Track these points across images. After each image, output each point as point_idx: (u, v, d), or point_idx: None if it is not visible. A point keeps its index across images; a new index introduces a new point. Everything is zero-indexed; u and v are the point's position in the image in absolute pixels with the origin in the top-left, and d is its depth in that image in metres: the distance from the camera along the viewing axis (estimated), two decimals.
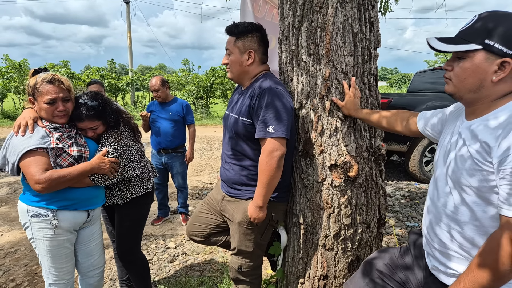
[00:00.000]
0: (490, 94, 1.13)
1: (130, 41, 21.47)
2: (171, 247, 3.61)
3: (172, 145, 3.98)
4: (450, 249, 1.24)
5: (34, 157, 1.77)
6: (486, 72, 1.11)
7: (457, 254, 1.23)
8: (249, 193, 1.93)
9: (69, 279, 2.04)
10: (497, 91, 1.12)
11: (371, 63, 1.98)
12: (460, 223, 1.20)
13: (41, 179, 1.74)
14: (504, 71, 1.08)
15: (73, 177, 1.84)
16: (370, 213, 2.01)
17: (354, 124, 1.93)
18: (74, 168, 1.86)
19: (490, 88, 1.12)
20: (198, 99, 18.06)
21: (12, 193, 5.46)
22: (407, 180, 5.95)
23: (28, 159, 1.76)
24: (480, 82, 1.13)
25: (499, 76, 1.09)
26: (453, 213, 1.22)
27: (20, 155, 1.76)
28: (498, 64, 1.09)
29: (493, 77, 1.10)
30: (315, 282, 2.04)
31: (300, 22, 1.90)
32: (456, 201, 1.20)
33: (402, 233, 3.81)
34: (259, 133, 1.77)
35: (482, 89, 1.13)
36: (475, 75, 1.13)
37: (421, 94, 6.21)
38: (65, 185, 1.84)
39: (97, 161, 1.94)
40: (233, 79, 2.01)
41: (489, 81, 1.11)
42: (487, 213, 1.12)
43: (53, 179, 1.76)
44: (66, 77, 1.99)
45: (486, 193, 1.10)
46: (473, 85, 1.15)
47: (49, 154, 1.82)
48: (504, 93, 1.12)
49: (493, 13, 1.12)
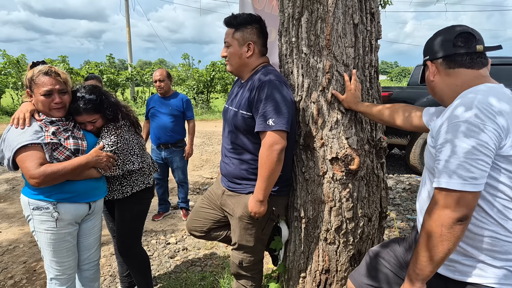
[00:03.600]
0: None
1: (129, 35, 21.36)
2: (171, 243, 3.60)
3: (171, 140, 3.96)
4: None
5: (29, 152, 1.76)
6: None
7: None
8: (249, 187, 1.91)
9: (70, 274, 2.03)
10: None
11: (372, 54, 1.95)
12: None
13: (35, 174, 1.73)
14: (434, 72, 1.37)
15: (68, 171, 1.82)
16: (371, 206, 1.99)
17: (355, 116, 1.90)
18: (69, 162, 1.84)
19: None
20: (198, 94, 18.00)
21: (10, 190, 5.45)
22: (408, 173, 5.94)
23: (23, 154, 1.76)
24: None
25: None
26: (426, 201, 1.34)
27: (15, 151, 1.76)
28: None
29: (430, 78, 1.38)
30: (317, 276, 2.03)
31: (300, 13, 1.86)
32: (428, 189, 1.35)
33: (403, 226, 3.79)
34: (259, 127, 1.75)
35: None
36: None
37: (421, 87, 6.17)
38: (62, 179, 1.83)
39: (94, 154, 1.92)
40: (232, 71, 1.98)
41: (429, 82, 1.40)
42: None
43: (47, 174, 1.75)
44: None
45: None
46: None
47: (43, 149, 1.81)
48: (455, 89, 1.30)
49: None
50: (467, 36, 1.28)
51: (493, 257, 1.17)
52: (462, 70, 1.28)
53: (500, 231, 1.15)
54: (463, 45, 1.28)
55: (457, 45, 1.28)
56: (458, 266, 1.23)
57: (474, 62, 1.27)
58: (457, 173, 1.09)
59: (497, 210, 1.15)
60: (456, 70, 1.29)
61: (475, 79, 1.26)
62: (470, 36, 1.28)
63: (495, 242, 1.16)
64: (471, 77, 1.27)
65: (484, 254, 1.18)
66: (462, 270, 1.22)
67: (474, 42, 1.27)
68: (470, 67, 1.27)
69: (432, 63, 1.36)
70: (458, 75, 1.29)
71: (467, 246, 1.20)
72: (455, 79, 1.30)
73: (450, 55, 1.30)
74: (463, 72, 1.28)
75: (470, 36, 1.28)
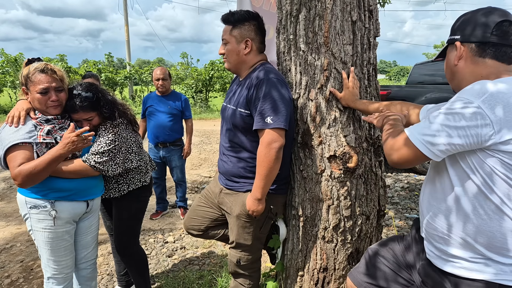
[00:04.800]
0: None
1: (127, 34, 21.31)
2: (169, 241, 3.59)
3: (170, 139, 3.94)
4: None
5: (16, 152, 1.75)
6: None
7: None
8: (247, 185, 1.90)
9: (68, 273, 2.02)
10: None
11: (371, 52, 1.95)
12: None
13: (13, 174, 1.73)
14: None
15: (43, 168, 1.73)
16: (369, 205, 1.99)
17: (353, 114, 1.90)
18: (41, 158, 1.76)
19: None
20: (197, 93, 17.98)
21: (8, 189, 5.43)
22: (406, 172, 5.94)
23: (11, 154, 1.75)
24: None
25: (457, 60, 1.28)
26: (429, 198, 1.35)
27: (5, 150, 1.75)
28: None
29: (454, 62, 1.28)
30: (315, 274, 2.02)
31: (298, 10, 1.85)
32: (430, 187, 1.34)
33: (401, 224, 3.79)
34: (257, 124, 1.74)
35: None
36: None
37: (420, 86, 6.18)
38: (41, 176, 1.75)
39: (63, 142, 1.78)
40: (230, 69, 1.97)
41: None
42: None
43: (24, 174, 1.71)
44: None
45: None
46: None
47: (34, 148, 1.79)
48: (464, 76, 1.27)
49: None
50: (508, 25, 1.18)
51: (501, 254, 1.14)
52: (493, 61, 1.20)
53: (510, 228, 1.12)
54: (502, 35, 1.18)
55: (496, 34, 1.18)
56: (464, 263, 1.21)
57: (507, 56, 1.19)
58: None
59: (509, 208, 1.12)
60: (486, 60, 1.21)
61: (502, 73, 1.19)
62: (511, 27, 1.18)
63: (506, 239, 1.13)
64: (498, 71, 1.19)
65: (493, 252, 1.15)
66: (468, 266, 1.20)
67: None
68: (502, 61, 1.19)
69: (462, 45, 1.24)
70: (486, 66, 1.21)
71: (476, 244, 1.17)
72: (482, 69, 1.21)
73: (485, 43, 1.20)
74: (492, 64, 1.20)
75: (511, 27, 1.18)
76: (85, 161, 1.91)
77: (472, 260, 1.19)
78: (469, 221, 1.18)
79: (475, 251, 1.18)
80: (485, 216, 1.15)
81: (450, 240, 1.23)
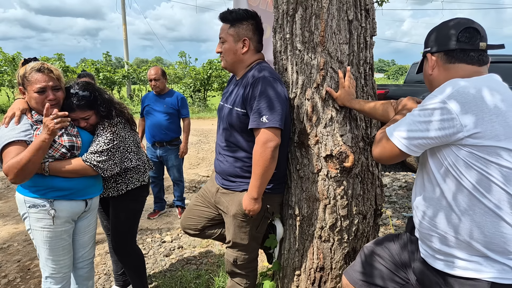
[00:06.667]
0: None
1: (125, 33, 21.27)
2: (167, 241, 3.59)
3: (166, 138, 3.94)
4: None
5: (11, 148, 1.74)
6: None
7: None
8: (243, 185, 1.90)
9: (66, 273, 2.02)
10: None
11: (367, 51, 1.94)
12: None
13: (4, 169, 1.72)
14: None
15: (30, 157, 1.69)
16: (366, 204, 1.99)
17: (350, 113, 1.89)
18: (25, 150, 1.72)
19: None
20: (195, 92, 17.97)
21: (5, 188, 5.41)
22: (404, 171, 5.94)
23: (6, 151, 1.74)
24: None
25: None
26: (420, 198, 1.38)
27: (1, 147, 1.74)
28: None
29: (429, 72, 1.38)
30: (312, 274, 2.03)
31: (295, 9, 1.85)
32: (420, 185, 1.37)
33: (399, 223, 3.80)
34: (253, 123, 1.74)
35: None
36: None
37: (417, 84, 6.17)
38: (31, 168, 1.71)
39: (43, 128, 1.73)
40: (226, 68, 1.97)
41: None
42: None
43: (12, 166, 1.68)
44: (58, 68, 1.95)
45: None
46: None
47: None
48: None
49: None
50: (472, 31, 1.26)
51: (498, 253, 1.15)
52: (462, 65, 1.27)
53: (508, 229, 1.14)
54: (467, 41, 1.26)
55: (461, 40, 1.26)
56: (459, 261, 1.22)
57: (476, 59, 1.26)
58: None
59: (508, 209, 1.13)
60: (456, 65, 1.28)
61: (473, 74, 1.24)
62: (474, 32, 1.26)
63: (503, 239, 1.14)
64: (470, 73, 1.25)
65: (491, 250, 1.16)
66: (463, 266, 1.21)
67: (478, 38, 1.25)
68: (471, 63, 1.26)
69: (433, 55, 1.35)
70: (457, 70, 1.28)
71: (474, 243, 1.17)
72: (453, 73, 1.28)
73: (452, 50, 1.28)
74: (462, 67, 1.27)
75: (475, 32, 1.26)
76: (85, 161, 1.91)
77: (466, 259, 1.20)
78: (457, 217, 1.19)
79: (468, 249, 1.19)
80: (471, 211, 1.17)
81: (442, 239, 1.24)
